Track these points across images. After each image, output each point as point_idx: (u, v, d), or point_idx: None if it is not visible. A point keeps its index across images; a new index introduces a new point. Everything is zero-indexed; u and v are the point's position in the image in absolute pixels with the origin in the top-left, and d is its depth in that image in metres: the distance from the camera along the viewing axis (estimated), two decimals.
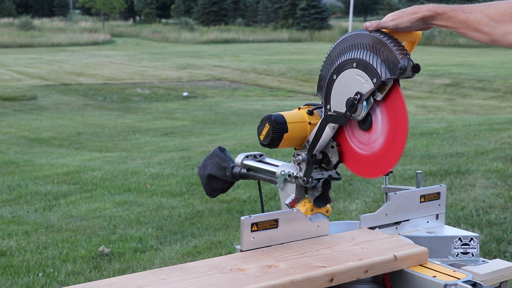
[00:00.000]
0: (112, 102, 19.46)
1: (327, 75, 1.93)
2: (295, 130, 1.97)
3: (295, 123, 1.98)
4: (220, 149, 2.24)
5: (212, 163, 2.22)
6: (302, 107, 2.04)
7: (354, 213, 5.55)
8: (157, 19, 72.66)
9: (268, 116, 1.98)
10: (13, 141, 12.34)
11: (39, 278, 4.79)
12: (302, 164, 1.99)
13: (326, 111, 1.94)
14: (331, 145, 1.98)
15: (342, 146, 1.97)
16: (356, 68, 1.84)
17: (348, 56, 1.87)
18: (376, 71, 1.79)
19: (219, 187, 2.24)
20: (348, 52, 1.88)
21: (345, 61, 1.87)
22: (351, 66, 1.85)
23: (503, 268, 1.96)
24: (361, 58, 1.83)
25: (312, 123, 1.99)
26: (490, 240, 5.03)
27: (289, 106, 17.87)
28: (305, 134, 1.99)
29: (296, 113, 2.01)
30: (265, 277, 1.68)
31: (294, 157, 2.01)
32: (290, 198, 2.04)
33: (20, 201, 7.10)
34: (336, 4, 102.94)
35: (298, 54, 35.95)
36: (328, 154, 2.00)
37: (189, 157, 9.37)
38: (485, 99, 19.35)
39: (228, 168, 2.19)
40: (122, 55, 35.30)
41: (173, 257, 5.12)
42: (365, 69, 1.81)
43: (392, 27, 1.86)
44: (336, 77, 1.89)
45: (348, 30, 46.83)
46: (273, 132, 1.95)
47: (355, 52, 1.86)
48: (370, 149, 1.89)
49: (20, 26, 54.41)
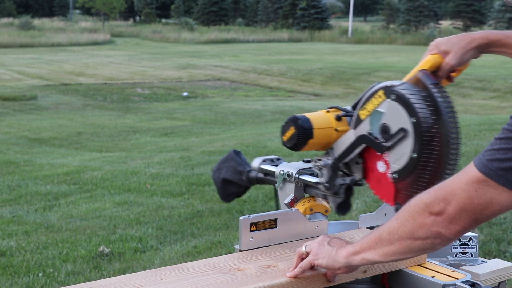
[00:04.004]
0: (112, 102, 19.46)
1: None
2: (320, 136, 1.89)
3: (322, 129, 1.89)
4: (235, 152, 2.17)
5: (227, 166, 2.15)
6: (330, 110, 1.94)
7: (354, 213, 5.55)
8: (157, 19, 72.65)
9: (294, 118, 1.90)
10: (13, 141, 12.34)
11: (39, 278, 4.79)
12: (324, 169, 1.91)
13: (363, 129, 1.85)
14: (356, 161, 1.90)
15: (367, 164, 1.88)
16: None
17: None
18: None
19: (234, 191, 2.17)
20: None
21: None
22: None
23: (502, 268, 1.97)
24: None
25: (339, 130, 1.90)
26: (490, 240, 5.03)
27: (289, 106, 17.88)
28: (330, 140, 1.91)
29: (323, 117, 1.91)
30: (264, 277, 1.68)
31: (315, 162, 1.93)
32: (289, 197, 2.04)
33: (20, 201, 7.10)
34: (336, 4, 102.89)
35: (298, 54, 35.94)
36: (352, 169, 1.92)
37: (189, 157, 9.36)
38: (485, 99, 19.36)
39: (244, 172, 2.13)
40: (122, 55, 35.29)
41: (173, 257, 5.12)
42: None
43: (455, 66, 1.85)
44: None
45: (348, 30, 46.26)
46: (298, 137, 1.87)
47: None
48: None
49: (20, 26, 54.41)
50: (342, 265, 1.64)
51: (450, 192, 1.43)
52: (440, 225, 1.45)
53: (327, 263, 1.65)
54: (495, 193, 1.39)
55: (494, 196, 1.39)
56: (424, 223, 1.47)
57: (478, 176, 1.40)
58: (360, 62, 29.73)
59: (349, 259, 1.62)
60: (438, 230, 1.45)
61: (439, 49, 1.86)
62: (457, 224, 1.44)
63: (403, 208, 1.54)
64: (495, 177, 1.38)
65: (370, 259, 1.59)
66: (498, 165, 1.37)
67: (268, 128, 13.41)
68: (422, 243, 1.50)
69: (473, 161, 1.43)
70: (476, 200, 1.40)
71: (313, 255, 1.68)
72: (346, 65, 28.35)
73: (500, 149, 1.38)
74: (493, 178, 1.38)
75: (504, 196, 1.38)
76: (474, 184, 1.40)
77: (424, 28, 54.74)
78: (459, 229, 1.44)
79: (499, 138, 1.40)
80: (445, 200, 1.43)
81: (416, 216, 1.48)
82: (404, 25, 55.68)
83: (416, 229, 1.48)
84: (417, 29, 54.94)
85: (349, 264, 1.63)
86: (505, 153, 1.37)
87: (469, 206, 1.41)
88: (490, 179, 1.38)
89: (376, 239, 1.57)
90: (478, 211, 1.41)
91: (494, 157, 1.38)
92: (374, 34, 51.62)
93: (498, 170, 1.37)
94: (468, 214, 1.42)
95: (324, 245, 1.68)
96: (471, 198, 1.41)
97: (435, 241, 1.48)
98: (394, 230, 1.53)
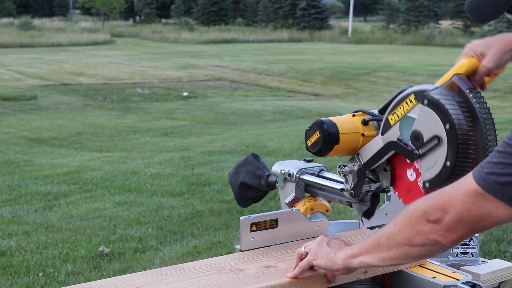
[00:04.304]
0: (112, 102, 19.45)
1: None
2: (346, 141, 1.83)
3: (348, 134, 1.83)
4: (253, 155, 2.13)
5: (245, 170, 2.11)
6: (356, 114, 1.88)
7: (354, 213, 5.55)
8: (157, 19, 72.65)
9: (320, 122, 1.83)
10: (13, 141, 12.33)
11: (39, 278, 4.79)
12: (349, 176, 1.87)
13: (392, 135, 1.78)
14: (384, 168, 1.84)
15: (396, 171, 1.82)
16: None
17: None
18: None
19: (252, 196, 2.12)
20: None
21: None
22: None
23: (502, 268, 1.97)
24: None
25: (366, 135, 1.84)
26: (490, 240, 5.03)
27: (289, 106, 17.87)
28: (356, 146, 1.85)
29: (349, 122, 1.85)
30: (264, 277, 1.68)
31: (339, 168, 1.88)
32: (289, 197, 2.03)
33: (20, 201, 7.09)
34: (336, 4, 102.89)
35: (298, 54, 35.94)
36: (379, 176, 1.86)
37: (189, 157, 9.36)
38: (485, 99, 19.33)
39: (263, 176, 2.08)
40: (122, 55, 35.28)
41: (173, 257, 5.12)
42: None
43: (493, 69, 1.79)
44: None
45: (348, 30, 46.21)
46: (323, 142, 1.82)
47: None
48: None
49: (20, 26, 54.40)
50: (341, 267, 1.64)
51: (448, 201, 1.42)
52: (437, 233, 1.44)
53: (326, 264, 1.65)
54: (492, 206, 1.38)
55: (491, 209, 1.38)
56: (421, 231, 1.47)
57: (476, 189, 1.39)
58: (360, 62, 29.73)
59: (347, 262, 1.62)
60: (436, 238, 1.45)
61: (475, 51, 1.81)
62: (454, 233, 1.43)
63: (401, 213, 1.53)
64: (492, 191, 1.37)
65: (368, 262, 1.59)
66: (495, 179, 1.36)
67: (268, 128, 13.41)
68: (419, 249, 1.50)
69: (472, 171, 1.42)
70: (473, 212, 1.40)
71: (312, 255, 1.68)
72: (346, 65, 28.35)
73: (498, 163, 1.37)
74: (490, 192, 1.37)
75: (501, 210, 1.37)
76: (471, 196, 1.39)
77: (424, 28, 54.72)
78: (456, 238, 1.44)
79: (498, 151, 1.38)
80: (443, 209, 1.43)
81: (414, 223, 1.48)
82: (404, 25, 55.67)
83: (414, 236, 1.48)
84: (417, 29, 54.92)
85: (347, 267, 1.64)
86: (503, 167, 1.35)
87: (466, 217, 1.41)
88: (487, 193, 1.37)
89: (375, 243, 1.57)
90: (475, 222, 1.41)
91: (491, 170, 1.37)
92: (374, 34, 51.62)
93: (495, 184, 1.36)
94: (465, 225, 1.42)
95: (323, 246, 1.68)
96: (469, 209, 1.40)
97: (432, 248, 1.49)
98: (392, 235, 1.53)
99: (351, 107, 17.03)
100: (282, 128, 13.12)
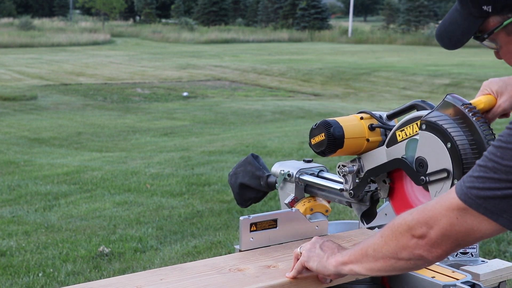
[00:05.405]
0: (112, 102, 19.45)
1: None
2: (351, 146, 1.83)
3: (353, 138, 1.83)
4: (253, 156, 2.13)
5: (245, 171, 2.11)
6: (363, 116, 1.87)
7: (354, 213, 5.55)
8: (157, 19, 72.65)
9: (326, 123, 1.82)
10: (13, 141, 12.33)
11: (39, 278, 4.79)
12: (348, 176, 1.87)
13: (397, 151, 1.76)
14: (383, 180, 1.84)
15: (395, 185, 1.83)
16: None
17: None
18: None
19: (252, 196, 2.13)
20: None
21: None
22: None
23: (502, 268, 1.97)
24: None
25: (371, 140, 1.84)
26: (490, 240, 5.03)
27: (289, 106, 17.87)
28: (359, 149, 1.85)
29: (356, 126, 1.85)
30: (264, 277, 1.68)
31: (339, 168, 1.88)
32: (289, 197, 2.04)
33: (20, 201, 7.10)
34: (336, 4, 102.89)
35: (298, 54, 35.94)
36: (378, 186, 1.86)
37: (189, 157, 9.36)
38: None
39: (262, 177, 2.08)
40: (122, 55, 35.28)
41: (173, 257, 5.12)
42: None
43: (508, 109, 1.78)
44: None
45: (348, 30, 46.21)
46: (327, 145, 1.82)
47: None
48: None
49: (20, 26, 54.39)
50: (332, 273, 1.65)
51: (432, 216, 1.41)
52: (422, 248, 1.44)
53: (317, 268, 1.66)
54: (475, 221, 1.36)
55: (475, 224, 1.37)
56: (407, 245, 1.47)
57: (458, 204, 1.37)
58: (360, 62, 29.73)
59: (338, 269, 1.63)
60: (421, 253, 1.45)
61: (491, 89, 1.79)
62: (439, 248, 1.43)
63: (387, 225, 1.53)
64: (474, 205, 1.35)
65: (357, 271, 1.60)
66: (477, 193, 1.35)
67: (268, 128, 13.41)
68: (405, 263, 1.50)
69: (455, 185, 1.41)
70: (457, 227, 1.39)
71: (305, 257, 1.69)
72: (346, 65, 28.34)
73: (479, 177, 1.35)
74: (472, 206, 1.35)
75: (484, 224, 1.36)
76: (455, 211, 1.38)
77: (424, 28, 54.72)
78: (441, 253, 1.44)
79: (479, 165, 1.37)
80: (427, 224, 1.42)
81: (399, 237, 1.48)
82: (404, 25, 55.67)
83: (399, 250, 1.48)
84: (417, 29, 54.92)
85: (338, 273, 1.65)
86: (483, 182, 1.34)
87: (450, 232, 1.40)
88: (469, 207, 1.36)
89: (363, 253, 1.57)
90: (460, 237, 1.40)
91: (473, 184, 1.36)
92: (374, 34, 51.62)
93: (477, 199, 1.35)
94: (449, 240, 1.41)
95: (316, 248, 1.68)
96: (453, 225, 1.39)
97: (418, 262, 1.49)
98: (379, 248, 1.53)
99: (351, 107, 17.04)
100: (282, 128, 13.12)
